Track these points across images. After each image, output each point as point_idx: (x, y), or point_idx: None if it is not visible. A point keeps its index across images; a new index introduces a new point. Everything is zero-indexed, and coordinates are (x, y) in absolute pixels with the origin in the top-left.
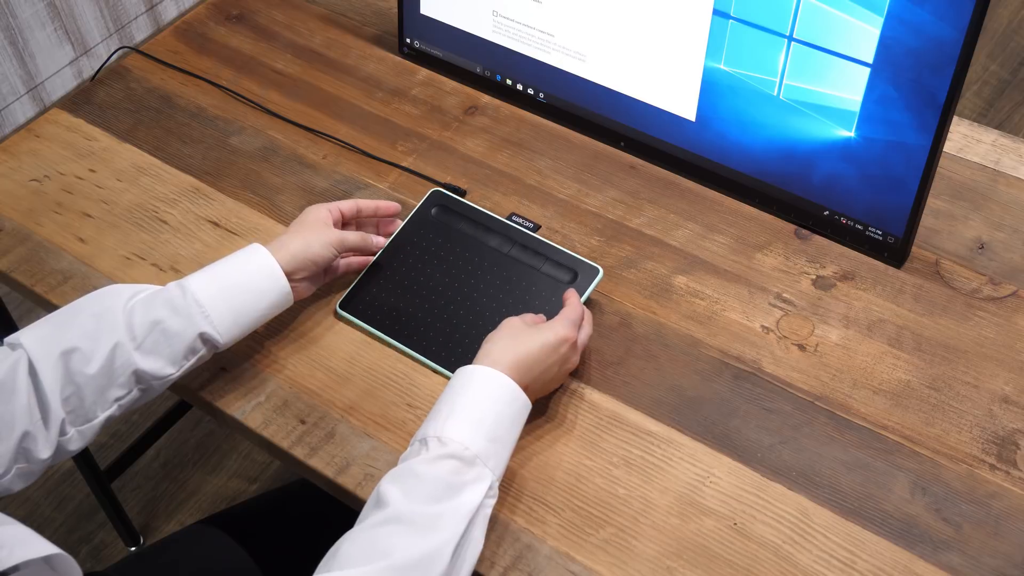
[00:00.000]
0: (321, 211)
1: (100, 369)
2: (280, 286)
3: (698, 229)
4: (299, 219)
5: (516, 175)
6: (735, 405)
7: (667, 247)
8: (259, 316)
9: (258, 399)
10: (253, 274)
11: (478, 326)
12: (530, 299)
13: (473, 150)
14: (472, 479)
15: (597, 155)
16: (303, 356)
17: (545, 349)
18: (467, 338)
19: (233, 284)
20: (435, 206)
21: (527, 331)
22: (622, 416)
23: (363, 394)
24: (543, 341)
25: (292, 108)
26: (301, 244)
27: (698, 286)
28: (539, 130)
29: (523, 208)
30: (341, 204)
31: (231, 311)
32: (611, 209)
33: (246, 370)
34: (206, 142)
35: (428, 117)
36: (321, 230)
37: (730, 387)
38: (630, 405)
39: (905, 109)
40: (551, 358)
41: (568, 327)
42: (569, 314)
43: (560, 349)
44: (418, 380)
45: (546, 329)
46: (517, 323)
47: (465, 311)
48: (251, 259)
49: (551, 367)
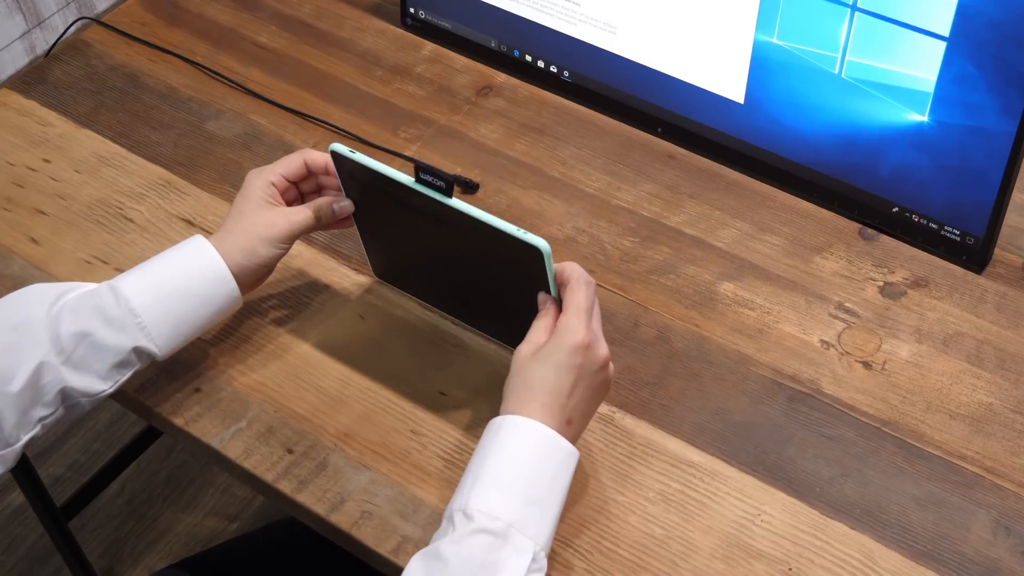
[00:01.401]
0: (260, 184)
1: (23, 388)
2: (227, 291)
3: (747, 228)
4: (240, 197)
5: (537, 166)
6: (790, 432)
7: (711, 249)
8: (203, 324)
9: (238, 425)
10: (196, 277)
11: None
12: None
13: (487, 137)
14: (509, 554)
15: (630, 143)
16: (290, 375)
17: (563, 370)
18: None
19: (173, 289)
20: (344, 170)
21: (538, 360)
22: (659, 444)
23: (359, 419)
24: (557, 363)
25: (277, 88)
26: (243, 252)
27: (747, 294)
28: (563, 114)
29: (544, 204)
30: (284, 167)
31: (171, 320)
32: (646, 205)
33: (223, 391)
34: (178, 128)
35: (435, 99)
36: (265, 226)
37: (784, 411)
38: (668, 432)
39: (986, 90)
40: (576, 377)
41: (575, 330)
42: (571, 313)
43: (576, 360)
44: (423, 400)
45: (553, 349)
46: (524, 354)
47: (467, 279)
48: (194, 258)
49: (582, 389)
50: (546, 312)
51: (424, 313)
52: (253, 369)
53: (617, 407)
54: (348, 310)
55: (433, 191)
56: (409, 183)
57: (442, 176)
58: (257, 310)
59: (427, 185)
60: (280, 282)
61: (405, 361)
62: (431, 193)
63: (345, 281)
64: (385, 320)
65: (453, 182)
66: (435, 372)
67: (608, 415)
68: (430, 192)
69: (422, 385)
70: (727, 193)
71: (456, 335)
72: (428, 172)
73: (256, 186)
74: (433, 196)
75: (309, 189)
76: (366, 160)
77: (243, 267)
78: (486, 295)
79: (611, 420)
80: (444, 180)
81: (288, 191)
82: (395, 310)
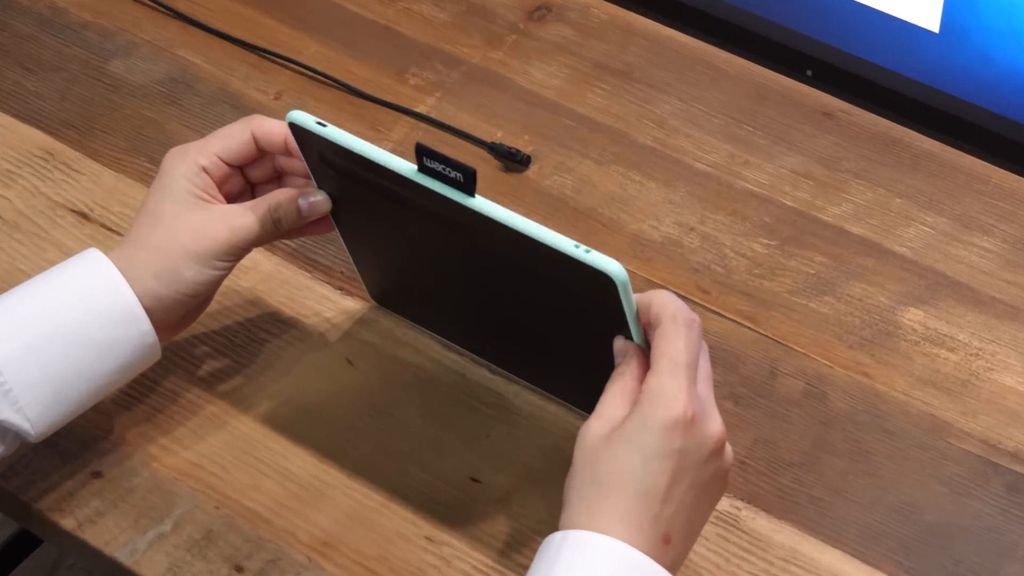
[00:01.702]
0: (186, 170)
1: None
2: (138, 335)
3: (944, 224)
4: (156, 190)
5: (619, 129)
6: (1012, 538)
7: (889, 256)
8: (101, 386)
9: (159, 528)
10: (91, 315)
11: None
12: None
13: (543, 84)
14: None
15: (764, 93)
16: (240, 452)
17: (655, 460)
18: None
19: (54, 333)
20: (312, 150)
21: (615, 445)
22: (809, 559)
23: (347, 520)
24: (644, 449)
25: (221, 9)
26: (161, 275)
27: (945, 326)
28: (661, 48)
29: (631, 187)
30: (221, 143)
31: (51, 382)
32: (789, 189)
33: (137, 476)
34: (68, 70)
35: (463, 25)
36: (193, 235)
37: (1002, 506)
38: (823, 539)
39: None
40: (675, 469)
41: (671, 397)
42: (664, 372)
43: (674, 444)
44: (444, 490)
45: (638, 428)
46: (594, 435)
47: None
48: (86, 284)
49: (684, 488)
50: (625, 370)
51: (445, 355)
52: (182, 443)
53: (745, 501)
54: (329, 352)
55: (445, 186)
56: (409, 173)
57: (457, 165)
58: (189, 355)
59: (436, 177)
60: (224, 312)
61: (416, 429)
62: (442, 189)
63: (325, 307)
64: (386, 367)
65: (475, 173)
66: (462, 447)
67: (731, 514)
68: (441, 188)
69: (442, 467)
70: (913, 170)
71: (494, 388)
72: (436, 159)
73: (179, 174)
74: (445, 194)
75: (262, 177)
76: (342, 136)
77: (161, 298)
78: (534, 336)
79: (735, 521)
80: (461, 171)
81: (230, 180)
82: (401, 351)
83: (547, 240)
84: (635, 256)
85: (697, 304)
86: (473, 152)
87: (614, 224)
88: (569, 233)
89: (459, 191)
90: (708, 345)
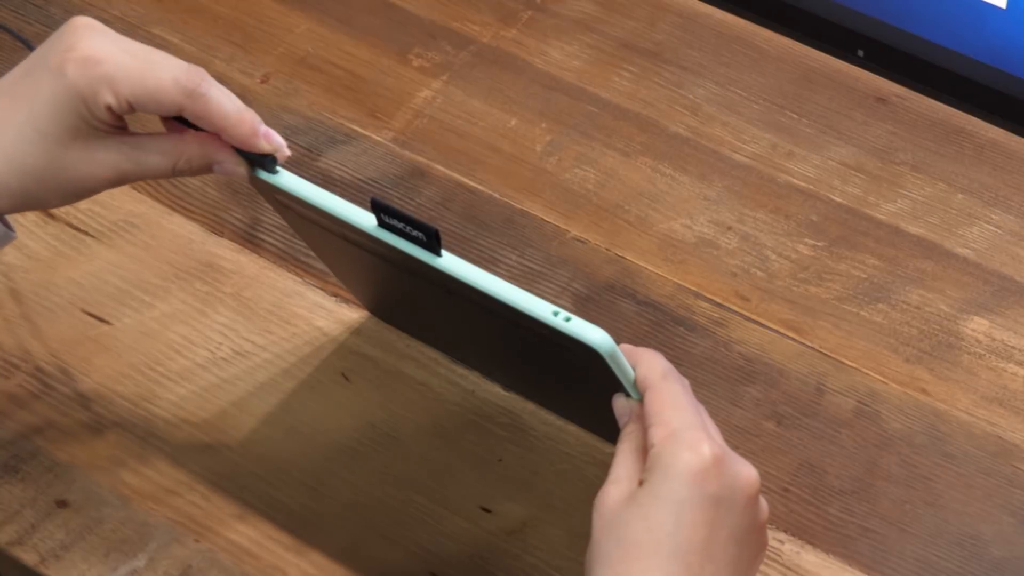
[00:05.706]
0: (83, 92)
1: None
2: None
3: (1012, 223)
4: (45, 75)
5: (647, 116)
6: None
7: (950, 259)
8: None
9: (133, 563)
10: None
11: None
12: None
13: (563, 66)
14: None
15: (810, 76)
16: (221, 478)
17: (688, 510)
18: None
19: None
20: (265, 193)
21: (639, 504)
22: None
23: (343, 554)
24: (674, 500)
25: None
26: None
27: (1013, 337)
28: (695, 26)
29: (662, 181)
30: (142, 93)
31: None
32: (838, 184)
33: (107, 505)
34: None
35: (472, 0)
36: (74, 167)
37: None
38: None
39: None
40: (712, 517)
41: (692, 442)
42: (672, 422)
43: (707, 488)
44: (452, 521)
45: (661, 480)
46: (612, 501)
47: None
48: None
49: (724, 538)
50: (633, 429)
51: (452, 369)
52: (158, 469)
53: (788, 533)
54: (323, 367)
55: (408, 243)
56: (369, 228)
57: (418, 225)
58: (165, 369)
59: (397, 234)
60: (203, 319)
61: (420, 453)
62: (405, 247)
63: (317, 315)
64: (386, 383)
65: (437, 232)
66: (471, 472)
67: (772, 547)
68: (403, 245)
69: (449, 495)
70: (977, 162)
71: (507, 407)
72: (394, 216)
73: (77, 94)
74: (408, 252)
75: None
76: (296, 185)
77: (15, 197)
78: (537, 372)
79: (777, 555)
80: (423, 231)
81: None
82: (403, 365)
83: (522, 307)
84: (665, 259)
85: (735, 313)
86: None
87: (642, 223)
88: (592, 233)
89: (423, 249)
90: (747, 358)
